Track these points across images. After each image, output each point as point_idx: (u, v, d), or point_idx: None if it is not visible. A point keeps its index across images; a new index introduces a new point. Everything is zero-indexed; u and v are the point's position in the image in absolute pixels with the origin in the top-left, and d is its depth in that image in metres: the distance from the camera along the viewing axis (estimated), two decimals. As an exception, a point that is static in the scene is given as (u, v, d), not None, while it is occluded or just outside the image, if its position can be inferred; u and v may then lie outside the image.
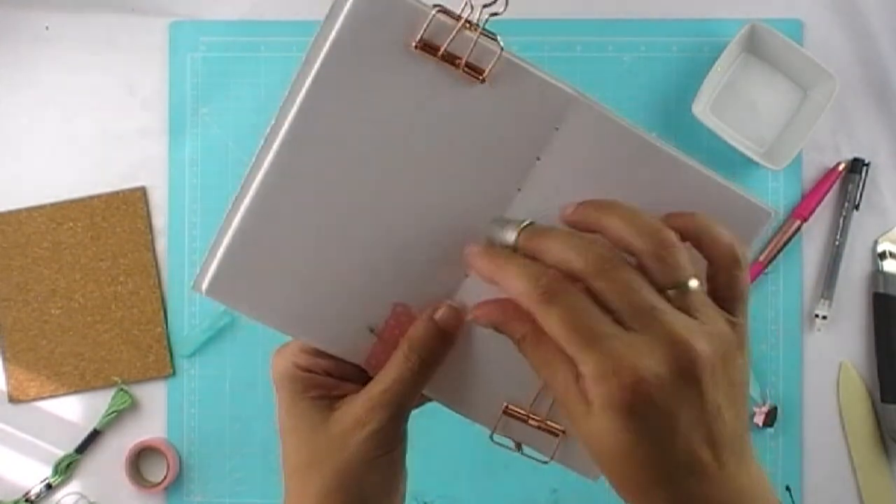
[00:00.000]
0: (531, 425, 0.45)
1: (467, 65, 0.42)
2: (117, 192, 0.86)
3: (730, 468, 0.36)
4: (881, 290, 0.83)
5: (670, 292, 0.37)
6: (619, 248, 0.38)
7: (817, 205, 0.83)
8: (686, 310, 0.37)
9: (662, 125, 0.85)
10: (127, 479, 0.83)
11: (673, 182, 0.43)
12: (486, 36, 0.42)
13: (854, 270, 0.84)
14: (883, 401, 0.83)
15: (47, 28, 0.87)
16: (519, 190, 0.44)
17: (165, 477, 0.83)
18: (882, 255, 0.84)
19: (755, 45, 0.83)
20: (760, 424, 0.82)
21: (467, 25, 0.42)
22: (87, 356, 0.85)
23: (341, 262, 0.44)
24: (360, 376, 0.44)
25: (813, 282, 0.85)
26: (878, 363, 0.83)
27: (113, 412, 0.85)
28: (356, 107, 0.42)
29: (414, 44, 0.41)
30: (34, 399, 0.86)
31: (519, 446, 0.46)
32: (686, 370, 0.35)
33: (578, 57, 0.85)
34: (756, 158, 0.80)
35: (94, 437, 0.85)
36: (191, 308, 0.85)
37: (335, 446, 0.41)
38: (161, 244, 0.86)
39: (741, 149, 0.81)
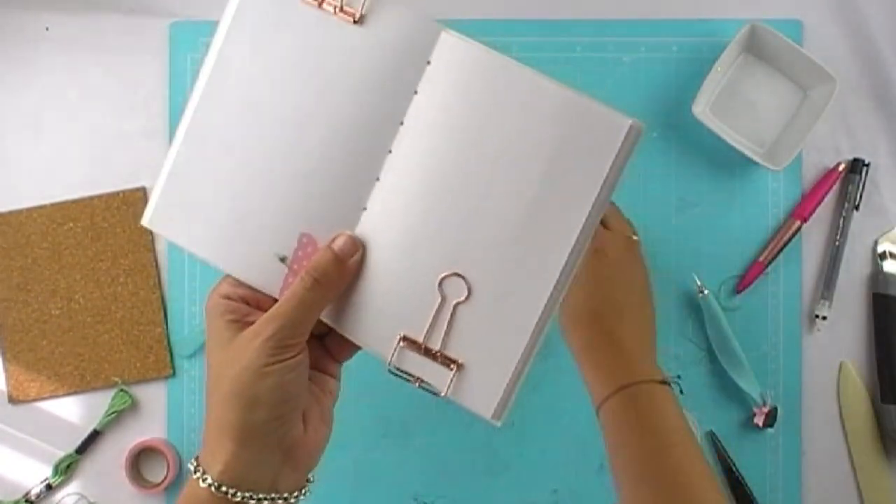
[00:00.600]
0: (426, 356, 0.47)
1: (340, 7, 0.47)
2: (117, 192, 0.86)
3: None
4: (881, 291, 0.83)
5: None
6: None
7: (817, 205, 0.83)
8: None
9: (662, 125, 0.85)
10: (127, 480, 0.83)
11: (538, 102, 0.45)
12: None
13: (854, 271, 0.84)
14: (883, 401, 0.83)
15: (47, 28, 0.87)
16: (401, 123, 0.48)
17: (165, 477, 0.83)
18: (882, 256, 0.84)
19: (755, 46, 0.83)
20: (760, 424, 0.82)
21: None
22: (87, 356, 0.85)
23: (253, 198, 0.49)
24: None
25: (813, 282, 0.85)
26: (878, 363, 0.83)
27: (113, 412, 0.85)
28: (260, 58, 0.48)
29: None
30: (34, 399, 0.86)
31: (418, 381, 0.48)
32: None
33: (578, 57, 0.85)
34: (756, 158, 0.80)
35: (94, 438, 0.85)
36: (191, 308, 0.85)
37: (235, 357, 0.46)
38: (161, 244, 0.86)
39: (741, 149, 0.81)
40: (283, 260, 0.49)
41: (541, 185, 0.45)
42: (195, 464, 0.49)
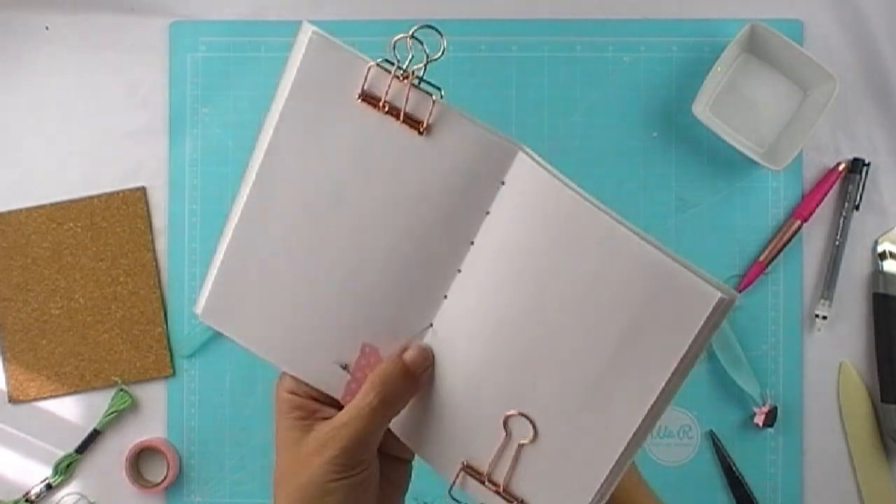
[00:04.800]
0: (488, 488, 0.45)
1: (407, 115, 0.43)
2: (117, 192, 0.86)
3: None
4: (881, 290, 0.83)
5: None
6: None
7: (817, 205, 0.83)
8: None
9: (662, 125, 0.85)
10: (127, 479, 0.83)
11: (619, 255, 0.41)
12: (420, 88, 0.43)
13: (854, 270, 0.84)
14: (883, 401, 0.83)
15: (47, 28, 0.87)
16: (472, 243, 0.45)
17: (165, 477, 0.83)
18: (882, 255, 0.84)
19: (755, 45, 0.83)
20: (760, 424, 0.82)
21: (403, 76, 0.43)
22: (87, 356, 0.85)
23: (311, 301, 0.46)
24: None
25: (813, 282, 0.85)
26: (878, 363, 0.83)
27: (113, 412, 0.85)
28: (315, 155, 0.45)
29: (357, 94, 0.43)
30: (34, 399, 0.86)
31: None
32: None
33: (578, 57, 0.85)
34: (756, 158, 0.80)
35: (94, 437, 0.85)
36: (191, 308, 0.85)
37: (301, 464, 0.44)
38: (161, 244, 0.86)
39: (741, 149, 0.81)
40: (344, 367, 0.47)
41: (619, 343, 0.41)
42: None
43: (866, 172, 0.83)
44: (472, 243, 0.45)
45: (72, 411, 0.86)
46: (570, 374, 0.43)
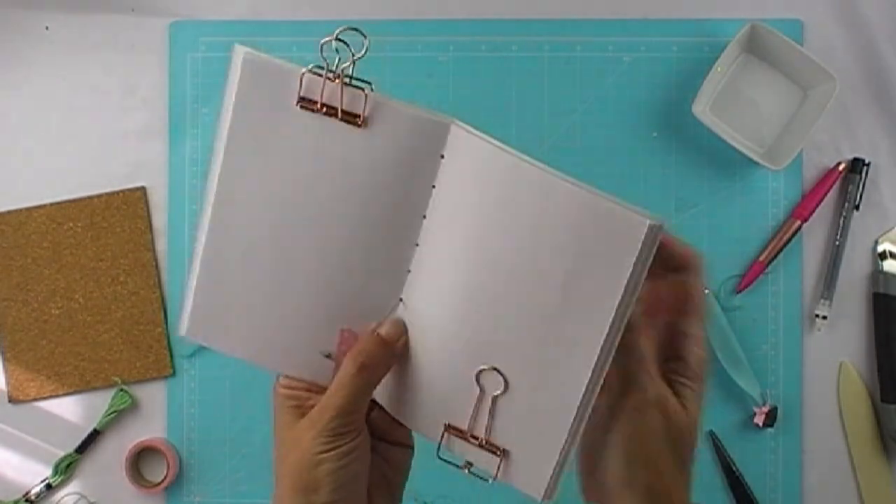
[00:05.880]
0: (472, 443, 0.48)
1: (344, 112, 0.46)
2: (117, 192, 0.86)
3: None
4: (881, 290, 0.83)
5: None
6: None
7: (817, 205, 0.83)
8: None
9: (662, 125, 0.85)
10: (127, 479, 0.83)
11: (553, 202, 0.44)
12: (351, 85, 0.46)
13: (854, 270, 0.84)
14: (883, 401, 0.83)
15: (47, 28, 0.87)
16: (424, 217, 0.48)
17: (165, 477, 0.83)
18: (882, 255, 0.84)
19: (755, 45, 0.83)
20: (760, 424, 0.82)
21: (335, 77, 0.46)
22: (87, 356, 0.85)
23: (286, 298, 0.50)
24: None
25: (813, 282, 0.85)
26: (878, 363, 0.83)
27: (113, 412, 0.85)
28: (267, 164, 0.48)
29: (295, 102, 0.46)
30: (34, 399, 0.86)
31: (468, 465, 0.49)
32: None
33: (578, 57, 0.85)
34: (756, 158, 0.80)
35: (94, 437, 0.85)
36: (191, 308, 0.85)
37: (296, 443, 0.48)
38: (161, 244, 0.86)
39: (741, 149, 0.81)
40: (328, 356, 0.50)
41: (565, 284, 0.45)
42: None
43: (866, 172, 0.83)
44: (425, 217, 0.48)
45: (72, 411, 0.86)
46: (529, 321, 0.46)
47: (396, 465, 0.52)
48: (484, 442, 0.48)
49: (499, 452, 0.48)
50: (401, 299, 0.49)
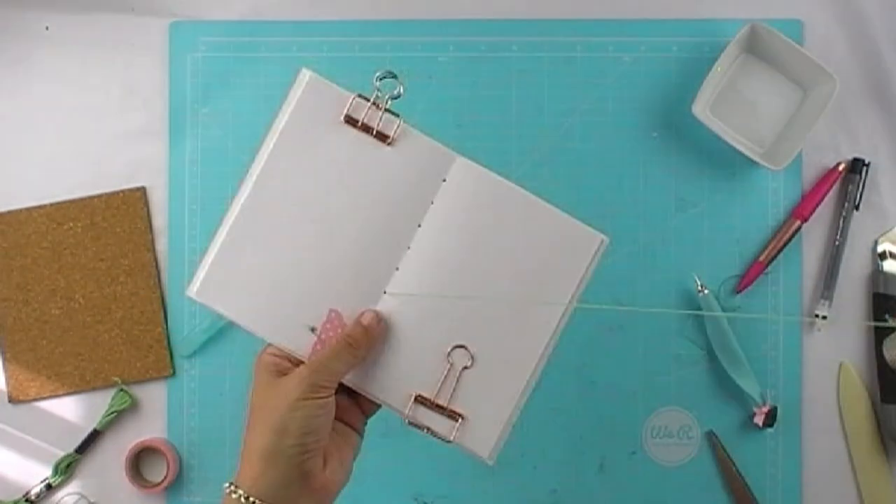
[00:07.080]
0: (436, 411, 0.59)
1: (378, 132, 0.60)
2: (117, 192, 0.86)
3: None
4: (881, 290, 0.83)
5: None
6: None
7: (817, 205, 0.83)
8: None
9: (662, 125, 0.85)
10: (127, 479, 0.83)
11: (527, 219, 0.59)
12: (389, 113, 0.59)
13: (854, 270, 0.84)
14: (883, 401, 0.83)
15: (47, 28, 0.87)
16: (419, 226, 0.60)
17: (165, 477, 0.83)
18: (882, 255, 0.84)
19: (755, 45, 0.83)
20: (760, 424, 0.82)
21: (377, 106, 0.59)
22: (87, 356, 0.85)
23: (291, 278, 0.60)
24: None
25: (813, 282, 0.85)
26: (878, 363, 0.83)
27: (113, 412, 0.85)
28: (304, 163, 0.60)
29: (342, 118, 0.60)
30: (34, 399, 0.86)
31: (429, 430, 0.59)
32: None
33: (578, 57, 0.85)
34: (756, 158, 0.81)
35: (94, 437, 0.85)
36: (191, 308, 0.85)
37: (274, 394, 0.57)
38: (161, 244, 0.86)
39: (741, 149, 0.81)
40: (312, 330, 0.60)
41: (531, 279, 0.59)
42: (229, 484, 0.57)
43: (866, 172, 0.84)
44: (420, 226, 0.60)
45: (72, 411, 0.86)
46: (498, 310, 0.59)
47: (349, 442, 0.61)
48: (447, 410, 0.59)
49: (458, 418, 0.59)
50: (385, 291, 0.60)
